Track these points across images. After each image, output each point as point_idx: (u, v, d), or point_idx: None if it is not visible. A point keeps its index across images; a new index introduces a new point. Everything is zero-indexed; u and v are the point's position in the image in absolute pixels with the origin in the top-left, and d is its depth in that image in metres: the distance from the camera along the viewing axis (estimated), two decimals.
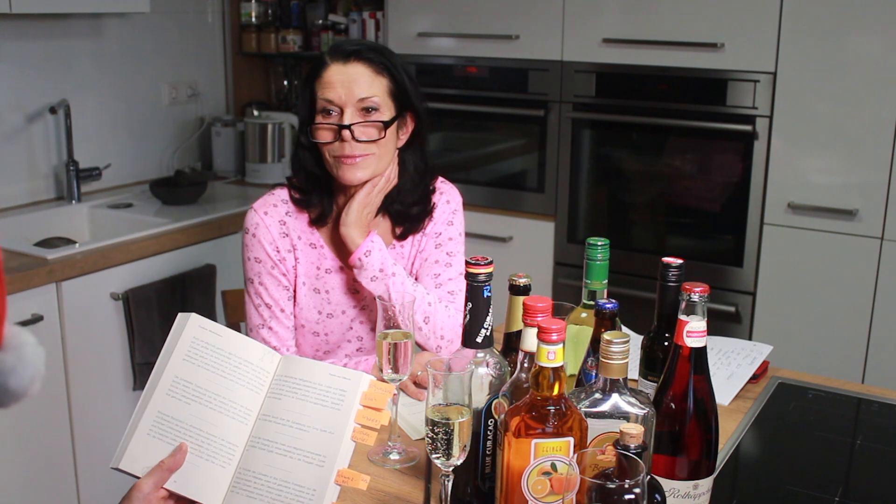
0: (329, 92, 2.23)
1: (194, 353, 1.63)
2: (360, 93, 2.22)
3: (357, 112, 2.23)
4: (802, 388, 2.28)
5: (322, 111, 2.25)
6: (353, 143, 2.22)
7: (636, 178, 3.79)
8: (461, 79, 4.04)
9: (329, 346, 2.44)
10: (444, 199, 2.45)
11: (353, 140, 2.22)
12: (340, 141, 2.22)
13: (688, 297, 1.50)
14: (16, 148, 3.79)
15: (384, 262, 2.27)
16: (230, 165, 4.60)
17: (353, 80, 2.22)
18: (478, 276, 1.60)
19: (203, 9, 4.58)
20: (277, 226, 2.34)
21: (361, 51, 2.25)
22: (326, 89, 2.23)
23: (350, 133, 2.21)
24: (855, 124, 3.24)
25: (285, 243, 2.34)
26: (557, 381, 1.41)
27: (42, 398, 3.13)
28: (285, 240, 2.34)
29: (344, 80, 2.22)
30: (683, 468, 1.55)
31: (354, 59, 2.24)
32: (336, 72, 2.23)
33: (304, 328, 2.41)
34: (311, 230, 2.37)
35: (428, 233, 2.43)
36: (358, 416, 1.60)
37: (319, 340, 2.43)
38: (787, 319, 3.47)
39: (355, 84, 2.22)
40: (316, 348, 2.45)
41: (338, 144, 2.23)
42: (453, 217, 2.46)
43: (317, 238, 2.37)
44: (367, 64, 2.25)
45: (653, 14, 3.53)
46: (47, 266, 3.10)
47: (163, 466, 1.54)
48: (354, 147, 2.22)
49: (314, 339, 2.43)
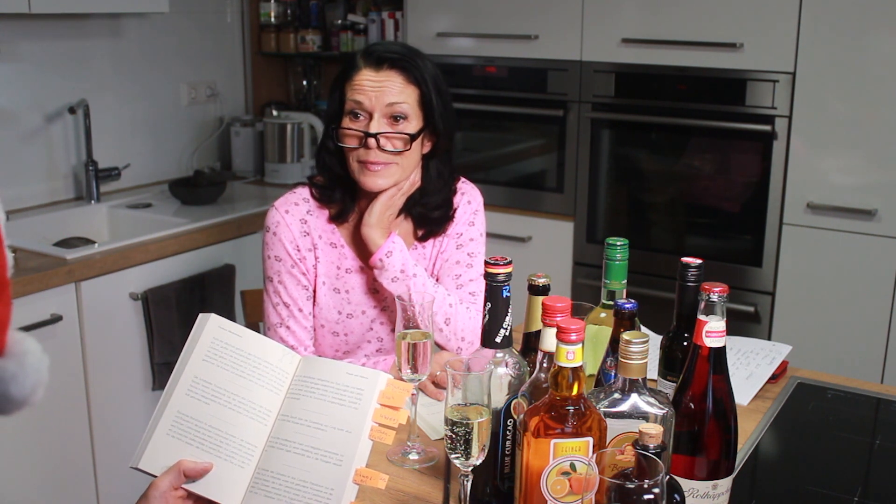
0: (359, 95, 2.23)
1: (214, 354, 1.63)
2: (389, 99, 2.22)
3: (385, 119, 2.23)
4: (822, 388, 2.27)
5: (350, 113, 2.25)
6: (377, 152, 2.22)
7: (655, 178, 3.78)
8: (480, 79, 4.04)
9: (349, 346, 2.44)
10: (465, 200, 2.46)
11: (377, 149, 2.22)
12: (365, 148, 2.23)
13: (707, 297, 1.49)
14: (35, 148, 3.80)
15: (405, 263, 2.27)
16: (249, 165, 4.61)
17: (383, 87, 2.22)
18: (497, 276, 1.60)
19: (222, 9, 4.60)
20: (298, 224, 2.34)
21: (395, 60, 2.24)
22: (356, 92, 2.23)
23: (375, 142, 2.22)
24: (874, 124, 3.23)
25: (306, 242, 2.34)
26: (577, 380, 1.40)
27: (61, 398, 3.15)
28: (306, 239, 2.34)
29: (375, 86, 2.22)
30: (702, 468, 1.55)
31: (388, 67, 2.24)
32: (368, 76, 2.23)
33: (324, 328, 2.41)
34: (331, 229, 2.37)
35: (449, 233, 2.44)
36: (376, 414, 1.60)
37: (339, 340, 2.43)
38: (807, 319, 3.46)
39: (386, 91, 2.22)
40: (336, 348, 2.44)
41: (363, 150, 2.23)
42: (474, 217, 2.47)
43: (337, 238, 2.37)
44: (400, 72, 2.24)
45: (672, 14, 3.53)
46: (67, 266, 3.11)
47: (180, 467, 1.54)
48: (378, 155, 2.23)
49: (334, 339, 2.43)
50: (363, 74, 2.23)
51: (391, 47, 2.29)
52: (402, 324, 1.87)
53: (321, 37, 4.68)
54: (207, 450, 1.57)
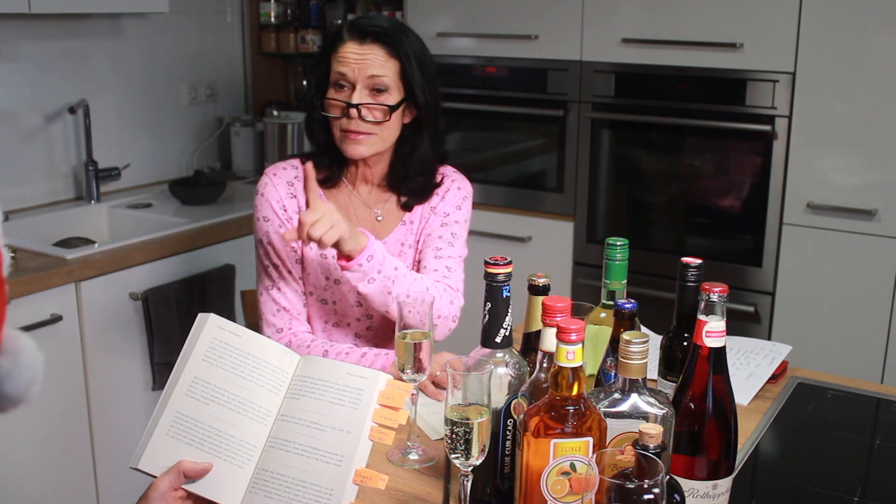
0: (342, 67, 2.31)
1: (213, 354, 1.63)
2: (370, 71, 2.30)
3: (366, 91, 2.32)
4: (821, 388, 2.27)
5: (335, 84, 2.34)
6: (358, 122, 2.31)
7: (655, 178, 3.78)
8: (480, 79, 4.04)
9: (338, 316, 2.49)
10: (455, 186, 2.54)
11: (359, 119, 2.31)
12: (347, 118, 2.32)
13: (707, 297, 1.50)
14: (35, 148, 3.80)
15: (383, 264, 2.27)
16: (249, 165, 4.61)
17: (366, 60, 2.31)
18: (497, 276, 1.60)
19: (222, 9, 4.60)
20: (285, 186, 2.43)
21: (378, 34, 2.32)
22: (340, 64, 2.32)
23: (357, 112, 2.31)
24: (874, 124, 3.23)
25: (292, 204, 2.43)
26: (577, 381, 1.41)
27: (61, 398, 3.15)
28: (292, 201, 2.43)
29: (358, 59, 2.31)
30: (702, 468, 1.55)
31: (371, 40, 2.32)
32: (351, 49, 2.32)
33: (313, 296, 2.47)
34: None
35: (437, 211, 2.51)
36: (375, 415, 1.60)
37: (328, 310, 2.48)
38: (807, 319, 3.46)
39: (368, 64, 2.31)
40: (325, 319, 2.49)
41: (345, 120, 2.33)
42: (462, 203, 2.55)
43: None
44: (382, 46, 2.32)
45: (672, 14, 3.53)
46: (66, 266, 3.11)
47: (180, 468, 1.54)
48: (360, 125, 2.32)
49: (322, 308, 2.48)
50: (348, 47, 2.32)
51: (376, 21, 2.38)
52: (402, 324, 1.87)
53: (321, 37, 4.68)
54: (207, 450, 1.57)
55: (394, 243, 2.48)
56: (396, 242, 2.49)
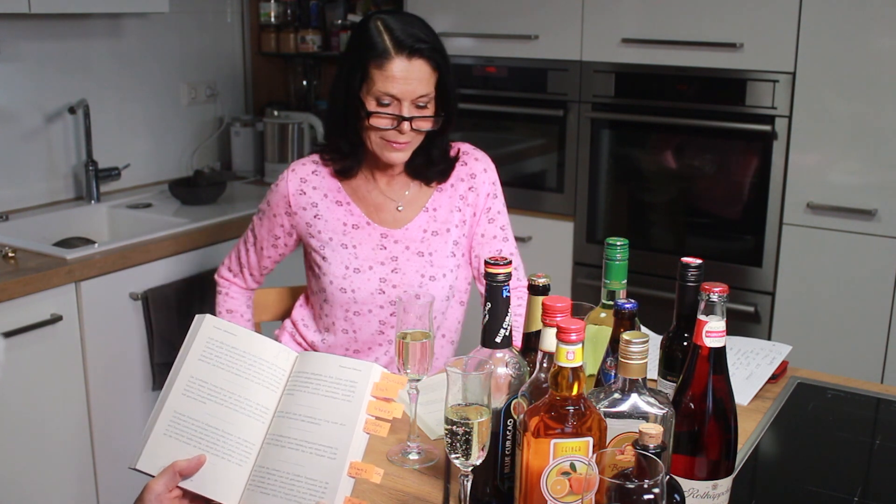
0: (392, 87, 2.32)
1: (209, 353, 1.64)
2: (420, 91, 2.34)
3: (412, 104, 2.35)
4: (821, 388, 2.27)
5: (379, 98, 2.35)
6: (409, 133, 2.36)
7: (655, 178, 3.78)
8: (480, 79, 4.04)
9: (358, 304, 2.52)
10: (480, 168, 2.60)
11: (410, 131, 2.36)
12: (398, 131, 2.35)
13: (707, 297, 1.49)
14: (35, 148, 3.80)
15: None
16: (249, 165, 4.61)
17: (413, 79, 2.33)
18: (497, 276, 1.60)
19: (222, 9, 4.59)
20: (297, 182, 2.53)
21: (425, 50, 2.33)
22: (389, 83, 2.32)
23: (409, 125, 2.35)
24: (874, 124, 3.23)
25: (300, 200, 2.51)
26: (577, 381, 1.40)
27: (61, 398, 3.15)
28: (301, 197, 2.51)
29: (408, 78, 2.33)
30: (702, 468, 1.55)
31: (418, 57, 2.33)
32: (400, 68, 2.32)
33: (333, 284, 2.51)
34: (337, 188, 2.53)
35: (479, 208, 2.58)
36: (370, 407, 1.60)
37: (348, 298, 2.51)
38: (807, 319, 3.46)
39: (416, 84, 2.34)
40: (346, 308, 2.53)
41: (393, 132, 2.36)
42: (493, 189, 2.61)
43: (343, 196, 2.53)
44: (427, 62, 2.35)
45: (672, 14, 3.53)
46: (66, 266, 3.11)
47: (175, 468, 1.54)
48: (409, 136, 2.37)
49: (342, 296, 2.51)
50: (395, 65, 2.32)
51: (418, 34, 2.36)
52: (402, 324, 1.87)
53: (321, 37, 4.68)
54: (205, 449, 1.57)
55: (416, 230, 2.53)
56: (419, 229, 2.53)
